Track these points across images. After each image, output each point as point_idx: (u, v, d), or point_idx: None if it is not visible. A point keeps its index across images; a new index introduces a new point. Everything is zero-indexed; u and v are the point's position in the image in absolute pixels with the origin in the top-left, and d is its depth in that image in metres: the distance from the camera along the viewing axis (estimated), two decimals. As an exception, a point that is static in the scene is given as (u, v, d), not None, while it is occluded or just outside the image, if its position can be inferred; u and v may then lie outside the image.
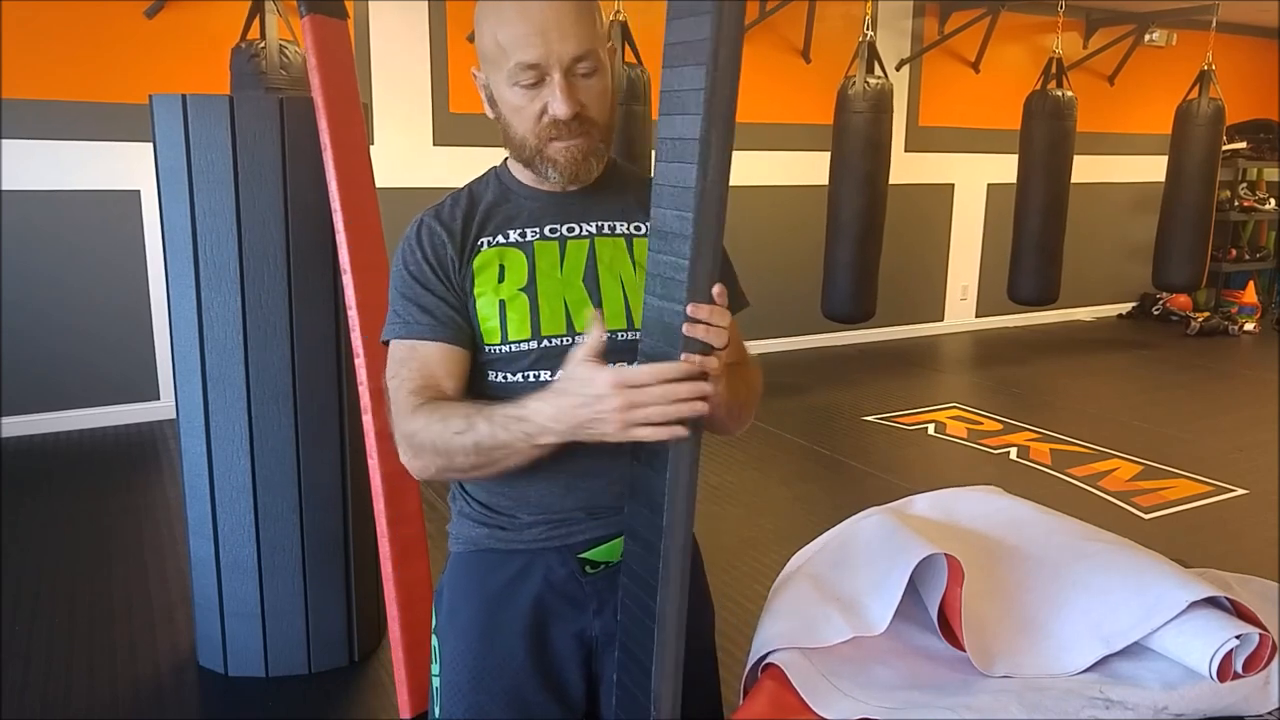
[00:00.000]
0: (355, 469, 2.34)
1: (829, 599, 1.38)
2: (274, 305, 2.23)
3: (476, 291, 1.14)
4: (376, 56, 4.73)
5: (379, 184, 2.22)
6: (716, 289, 0.97)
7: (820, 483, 3.98)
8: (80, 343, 4.32)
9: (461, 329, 1.14)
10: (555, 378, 1.04)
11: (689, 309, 0.96)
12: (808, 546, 1.69)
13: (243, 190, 2.17)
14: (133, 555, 3.08)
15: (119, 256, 4.34)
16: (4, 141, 4.05)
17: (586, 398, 0.97)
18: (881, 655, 1.34)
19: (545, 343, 1.12)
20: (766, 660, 1.32)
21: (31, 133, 4.09)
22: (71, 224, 4.23)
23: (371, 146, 2.29)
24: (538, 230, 1.15)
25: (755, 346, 5.97)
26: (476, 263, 1.14)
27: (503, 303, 1.12)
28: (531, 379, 1.13)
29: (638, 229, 1.16)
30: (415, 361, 1.13)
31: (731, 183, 1.02)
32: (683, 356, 0.97)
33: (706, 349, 0.97)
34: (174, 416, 2.37)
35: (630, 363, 1.09)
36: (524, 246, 1.14)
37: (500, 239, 1.15)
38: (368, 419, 2.02)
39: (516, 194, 1.18)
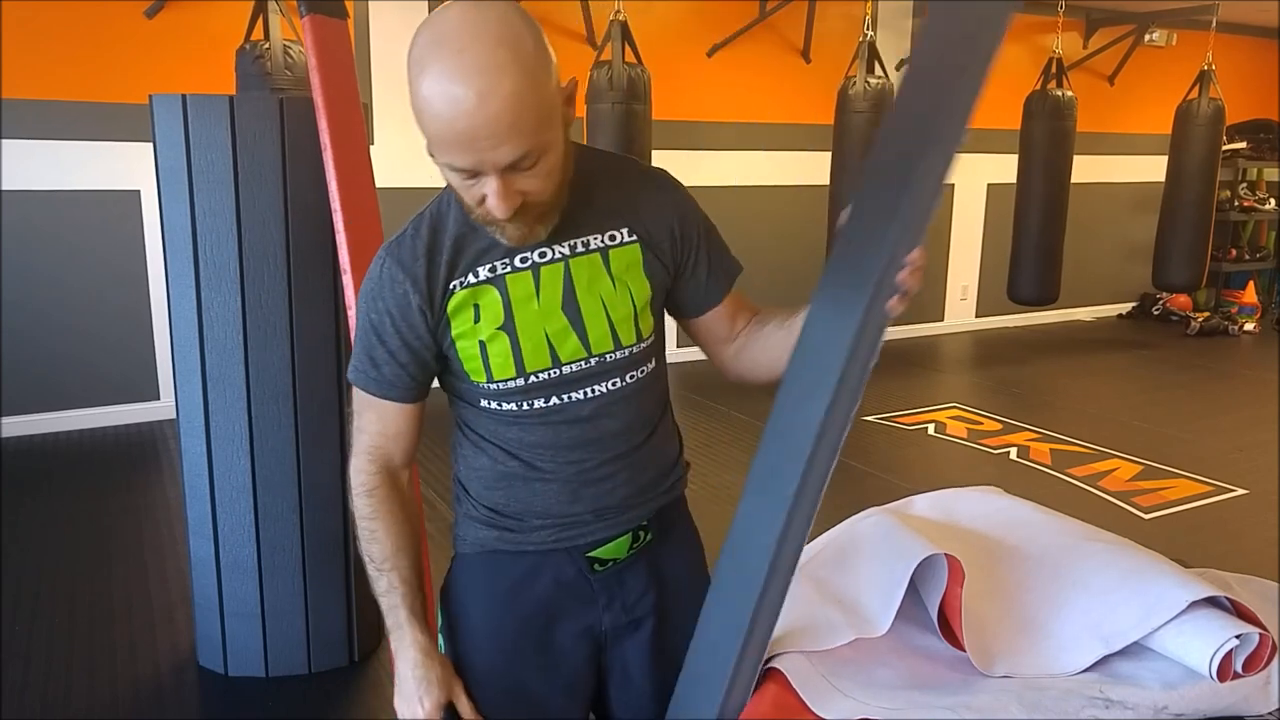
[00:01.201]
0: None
1: (830, 601, 1.38)
2: (274, 305, 2.23)
3: (455, 335, 1.11)
4: (376, 56, 4.73)
5: (379, 184, 2.23)
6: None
7: (820, 483, 3.97)
8: (80, 343, 4.32)
9: (411, 387, 1.14)
10: (546, 404, 1.12)
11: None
12: (807, 547, 1.69)
13: (243, 190, 2.17)
14: (133, 555, 3.07)
15: (119, 256, 4.34)
16: (4, 141, 4.05)
17: (408, 699, 1.12)
18: (882, 655, 1.34)
19: (532, 378, 1.11)
20: (768, 664, 1.32)
21: (31, 133, 4.09)
22: (71, 224, 4.23)
23: (371, 146, 2.29)
24: (508, 262, 1.09)
25: (755, 346, 5.99)
26: (450, 307, 1.10)
27: (483, 343, 1.10)
28: (525, 407, 1.14)
29: (612, 238, 1.12)
30: (371, 413, 1.17)
31: (731, 183, 1.03)
32: None
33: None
34: (174, 416, 2.37)
35: (622, 379, 1.15)
36: (495, 282, 1.09)
37: (471, 278, 1.09)
38: (368, 419, 2.02)
39: (476, 226, 1.09)
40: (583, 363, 1.12)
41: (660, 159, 4.83)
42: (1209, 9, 5.83)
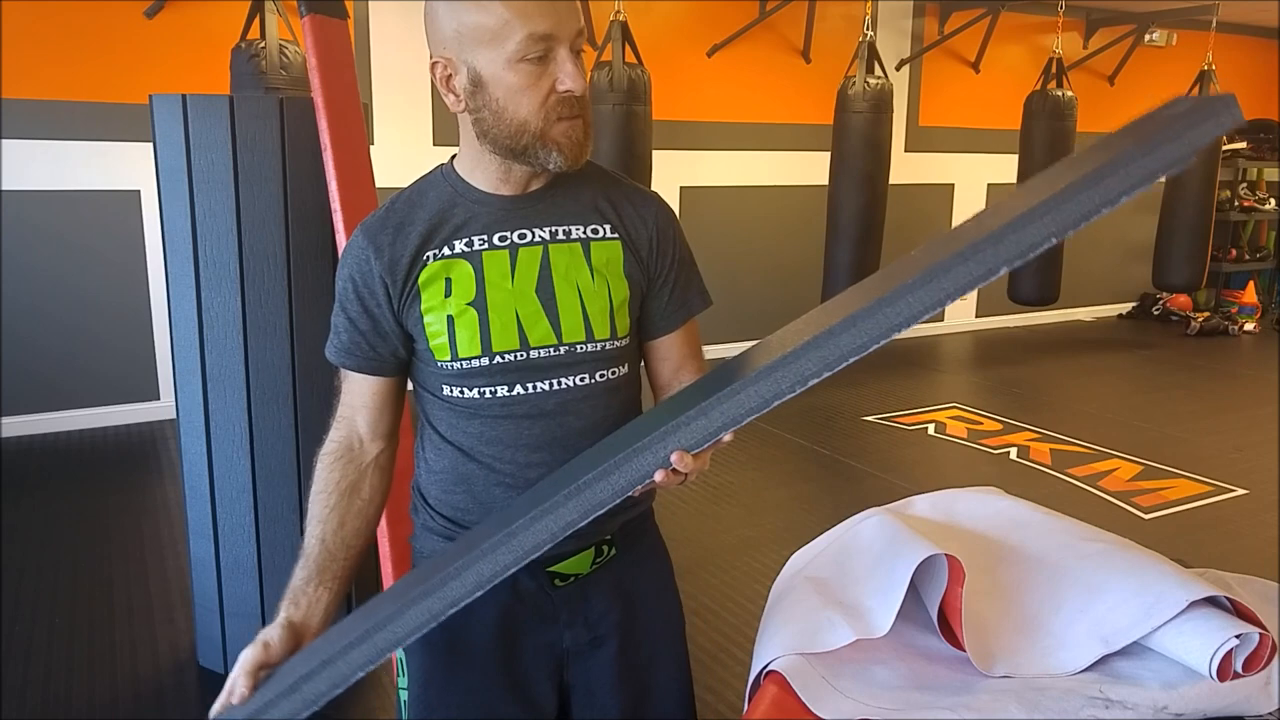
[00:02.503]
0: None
1: (831, 603, 1.38)
2: (274, 305, 2.23)
3: (424, 309, 1.09)
4: (376, 56, 4.73)
5: (379, 184, 2.22)
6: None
7: (820, 483, 3.98)
8: (80, 343, 4.32)
9: (369, 357, 1.13)
10: (510, 393, 1.08)
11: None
12: (807, 547, 1.69)
13: (243, 190, 2.17)
14: (133, 555, 3.08)
15: (119, 256, 4.34)
16: (4, 141, 4.05)
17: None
18: (881, 656, 1.34)
19: (497, 359, 1.08)
20: (768, 666, 1.32)
21: (31, 133, 4.09)
22: (71, 224, 4.23)
23: (371, 146, 2.28)
24: (486, 239, 1.08)
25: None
26: (422, 278, 1.08)
27: (451, 318, 1.08)
28: (488, 395, 1.10)
29: (595, 232, 1.11)
30: (341, 381, 1.18)
31: (731, 182, 1.02)
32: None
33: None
34: (174, 416, 2.37)
35: (591, 375, 1.11)
36: (471, 257, 1.08)
37: (446, 250, 1.08)
38: (368, 419, 2.02)
39: (465, 198, 1.11)
40: (552, 349, 1.09)
41: (660, 159, 4.85)
42: (1209, 9, 5.83)
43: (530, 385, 1.10)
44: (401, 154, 4.86)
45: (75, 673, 2.40)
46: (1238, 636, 1.23)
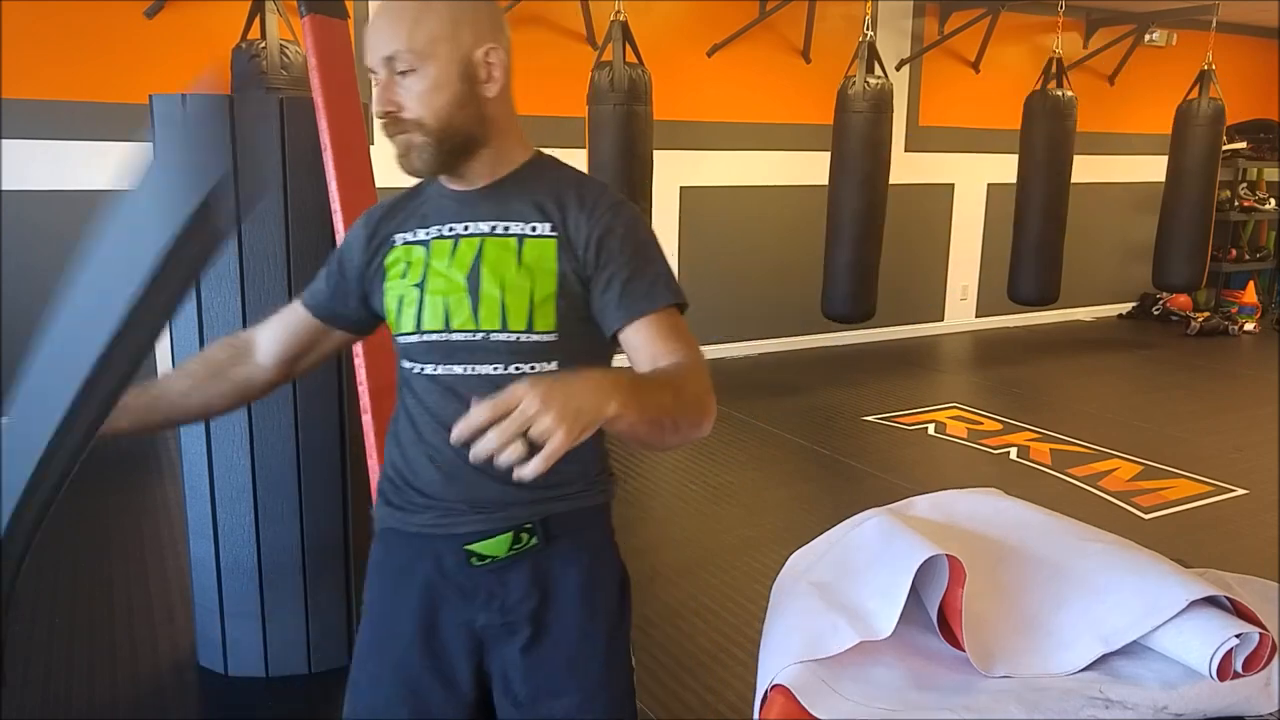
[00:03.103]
0: (355, 469, 2.34)
1: (834, 607, 1.37)
2: (274, 305, 2.22)
3: (386, 285, 1.22)
4: (376, 56, 4.72)
5: (379, 184, 2.22)
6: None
7: (820, 483, 3.98)
8: (80, 343, 4.31)
9: (319, 292, 1.31)
10: (435, 371, 1.18)
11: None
12: (806, 547, 1.69)
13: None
14: (133, 555, 3.08)
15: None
16: (4, 141, 4.05)
17: None
18: (882, 657, 1.34)
19: (425, 336, 1.18)
20: (775, 680, 1.32)
21: (31, 133, 4.09)
22: (71, 224, 4.22)
23: (371, 146, 2.28)
24: (438, 229, 1.20)
25: (755, 346, 6.00)
26: (388, 259, 1.22)
27: (400, 296, 1.20)
28: (417, 369, 1.21)
29: (533, 229, 1.16)
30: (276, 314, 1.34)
31: (731, 182, 1.02)
32: None
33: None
34: (174, 416, 2.37)
35: (506, 365, 1.16)
36: (425, 245, 1.20)
37: (409, 236, 1.22)
38: (367, 419, 2.02)
39: (431, 192, 1.23)
40: (470, 334, 1.16)
41: (660, 159, 4.84)
42: (1209, 9, 5.83)
43: (451, 366, 1.18)
44: (401, 154, 4.85)
45: (75, 673, 2.40)
46: (1238, 636, 1.23)
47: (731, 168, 5.75)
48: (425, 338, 1.18)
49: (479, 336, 1.16)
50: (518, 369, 1.15)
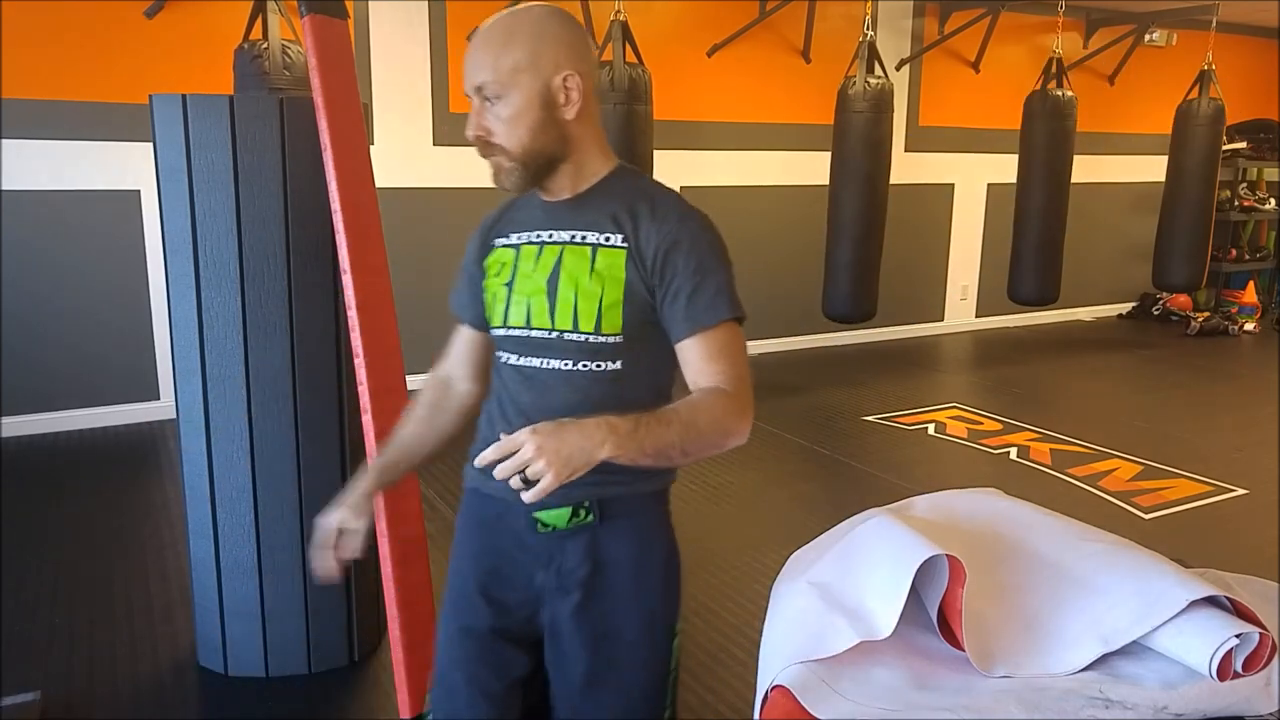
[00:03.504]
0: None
1: (834, 608, 1.37)
2: (274, 305, 2.23)
3: (485, 283, 1.38)
4: (376, 56, 4.73)
5: (379, 184, 2.22)
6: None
7: (820, 483, 3.97)
8: (80, 343, 4.32)
9: (465, 305, 1.44)
10: (517, 362, 1.32)
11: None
12: (806, 546, 1.69)
13: (243, 190, 2.17)
14: (133, 555, 3.08)
15: (119, 256, 4.34)
16: (4, 141, 4.05)
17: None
18: (882, 657, 1.34)
19: (508, 331, 1.33)
20: (775, 681, 1.32)
21: (31, 133, 4.09)
22: (71, 224, 4.23)
23: (371, 146, 2.28)
24: (527, 235, 1.34)
25: (755, 346, 5.99)
26: (489, 260, 1.38)
27: (494, 294, 1.35)
28: (502, 359, 1.36)
29: (606, 239, 1.27)
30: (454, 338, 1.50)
31: (732, 182, 1.03)
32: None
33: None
34: (174, 416, 2.37)
35: (575, 362, 1.29)
36: (516, 248, 1.34)
37: (504, 240, 1.36)
38: (367, 419, 2.02)
39: (527, 201, 1.36)
40: (546, 332, 1.29)
41: (660, 159, 4.84)
42: (1209, 9, 5.83)
43: (530, 359, 1.31)
44: (401, 154, 4.86)
45: (75, 673, 2.40)
46: (1238, 636, 1.23)
47: (731, 168, 5.75)
48: (510, 333, 1.32)
49: (554, 335, 1.28)
50: (584, 366, 1.28)
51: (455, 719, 1.37)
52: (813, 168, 5.69)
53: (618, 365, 1.28)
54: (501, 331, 1.34)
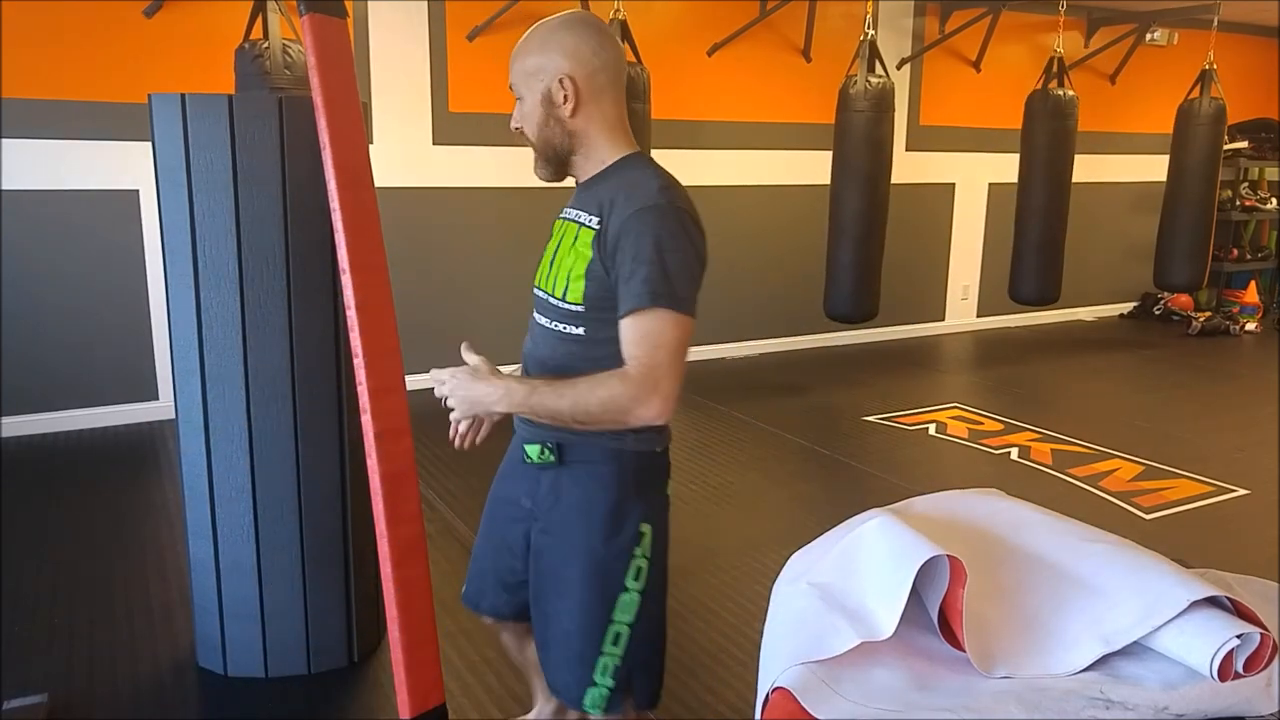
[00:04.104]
0: (355, 469, 2.34)
1: (835, 608, 1.37)
2: (273, 305, 2.22)
3: None
4: (376, 56, 4.72)
5: (379, 184, 2.22)
6: None
7: (820, 483, 3.97)
8: (80, 343, 4.32)
9: None
10: (532, 315, 1.57)
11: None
12: (807, 547, 1.69)
13: (242, 190, 2.17)
14: (133, 555, 3.07)
15: (118, 256, 4.34)
16: (4, 141, 4.05)
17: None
18: (882, 657, 1.34)
19: (534, 289, 1.57)
20: (776, 683, 1.32)
21: (31, 133, 4.09)
22: (70, 224, 4.23)
23: (371, 146, 2.28)
24: (564, 211, 1.55)
25: (756, 346, 5.99)
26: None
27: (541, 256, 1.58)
28: (532, 314, 1.59)
29: (590, 220, 1.45)
30: None
31: (732, 182, 1.03)
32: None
33: None
34: (173, 416, 2.37)
35: (552, 321, 1.51)
36: (558, 220, 1.57)
37: (559, 215, 1.57)
38: (367, 419, 2.02)
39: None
40: (545, 295, 1.52)
41: (660, 158, 4.80)
42: (1210, 8, 5.83)
43: (535, 315, 1.56)
44: (402, 154, 4.85)
45: (75, 673, 2.40)
46: (1239, 636, 1.22)
47: (732, 167, 5.74)
48: (534, 289, 1.56)
49: (546, 297, 1.51)
50: (557, 327, 1.50)
51: (479, 605, 1.77)
52: (813, 167, 5.69)
53: (580, 331, 1.46)
54: (532, 289, 1.58)
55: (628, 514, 1.50)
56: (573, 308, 1.45)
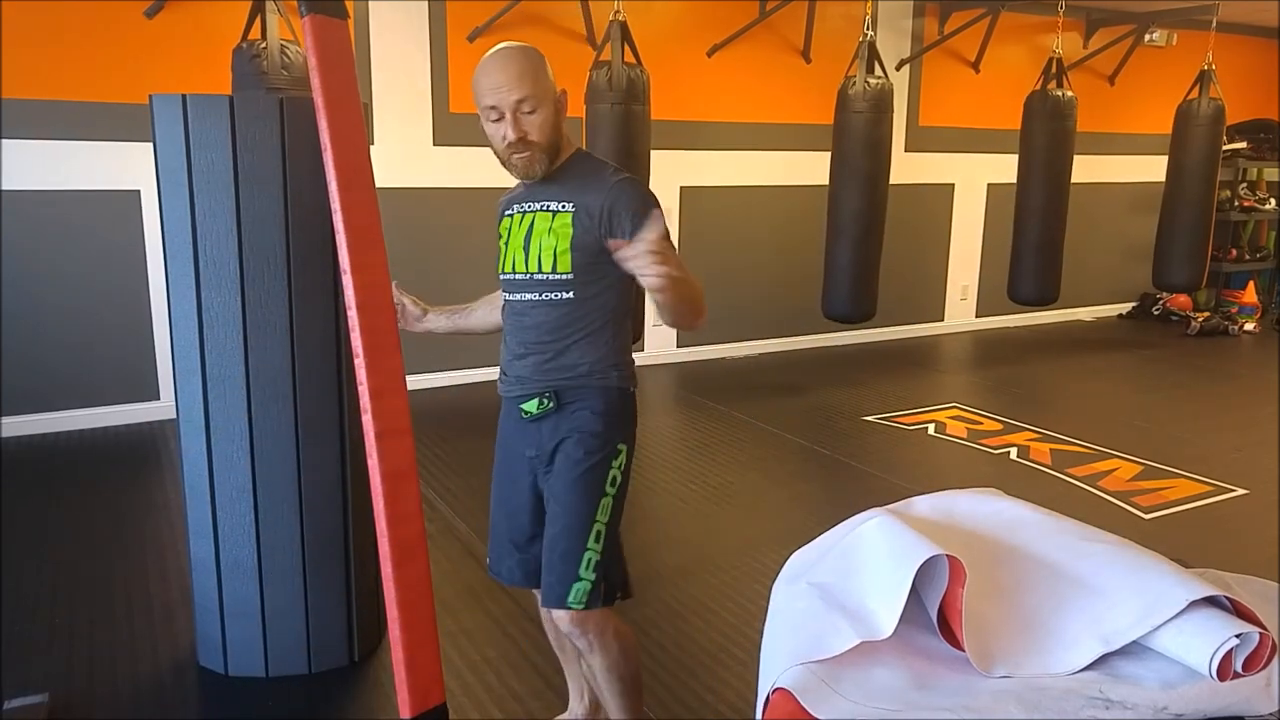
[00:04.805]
0: (355, 469, 2.34)
1: (835, 608, 1.38)
2: (274, 305, 2.23)
3: (498, 244, 1.88)
4: (376, 56, 4.73)
5: (379, 184, 2.22)
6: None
7: (820, 483, 3.98)
8: (80, 343, 4.32)
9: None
10: (509, 298, 1.86)
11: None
12: (806, 547, 1.69)
13: (243, 190, 2.17)
14: (133, 555, 3.08)
15: (119, 256, 4.34)
16: (4, 141, 4.05)
17: None
18: (882, 657, 1.34)
19: (503, 276, 1.86)
20: (777, 683, 1.32)
21: (31, 133, 4.09)
22: (71, 224, 4.23)
23: (371, 146, 2.28)
24: (517, 206, 1.84)
25: (755, 346, 6.00)
26: (501, 225, 1.88)
27: (499, 251, 1.87)
28: (507, 299, 1.88)
29: (563, 206, 1.76)
30: None
31: (732, 183, 1.03)
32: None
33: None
34: (174, 416, 2.37)
35: (539, 294, 1.79)
36: (511, 217, 1.85)
37: (508, 211, 1.87)
38: (367, 419, 2.02)
39: (522, 185, 1.85)
40: (524, 276, 1.80)
41: (660, 159, 4.84)
42: (1209, 9, 5.83)
43: (514, 295, 1.84)
44: (402, 154, 4.86)
45: (75, 673, 2.40)
46: (1238, 636, 1.23)
47: (731, 168, 5.75)
48: (504, 277, 1.85)
49: (527, 277, 1.79)
50: (546, 296, 1.78)
51: (499, 572, 1.98)
52: (813, 168, 5.69)
53: (569, 295, 1.77)
54: (503, 277, 1.85)
55: (611, 436, 1.81)
56: (562, 277, 1.76)
